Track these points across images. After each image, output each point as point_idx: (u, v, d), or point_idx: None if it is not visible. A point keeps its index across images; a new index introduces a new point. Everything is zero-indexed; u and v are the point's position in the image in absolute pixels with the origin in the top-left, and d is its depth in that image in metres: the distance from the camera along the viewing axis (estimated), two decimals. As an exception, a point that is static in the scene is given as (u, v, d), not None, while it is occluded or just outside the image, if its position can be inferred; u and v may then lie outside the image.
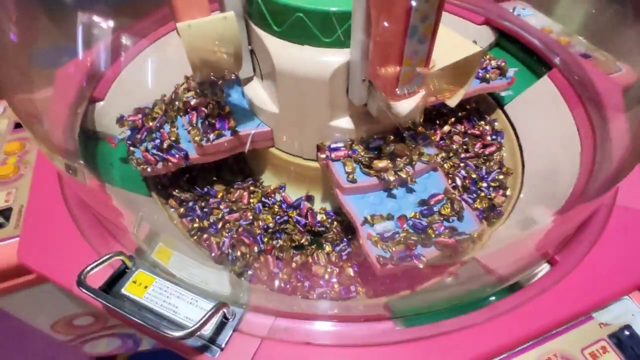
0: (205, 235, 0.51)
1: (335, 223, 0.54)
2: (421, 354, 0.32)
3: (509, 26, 0.67)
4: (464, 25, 0.70)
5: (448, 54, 0.37)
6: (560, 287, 0.38)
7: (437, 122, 0.64)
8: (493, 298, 0.39)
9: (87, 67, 0.55)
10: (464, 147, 0.61)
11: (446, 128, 0.63)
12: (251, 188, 0.57)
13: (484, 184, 0.56)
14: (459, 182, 0.56)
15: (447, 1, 0.49)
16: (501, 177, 0.57)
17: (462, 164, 0.58)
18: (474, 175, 0.57)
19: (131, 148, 0.51)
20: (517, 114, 0.63)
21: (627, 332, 0.36)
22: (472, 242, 0.42)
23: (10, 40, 0.45)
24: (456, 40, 0.39)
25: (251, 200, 0.56)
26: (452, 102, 0.41)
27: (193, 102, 0.52)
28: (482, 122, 0.64)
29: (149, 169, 0.50)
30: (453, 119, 0.64)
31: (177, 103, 0.53)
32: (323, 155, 0.47)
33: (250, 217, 0.53)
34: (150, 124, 0.53)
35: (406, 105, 0.38)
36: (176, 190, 0.55)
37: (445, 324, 0.35)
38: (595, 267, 0.40)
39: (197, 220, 0.53)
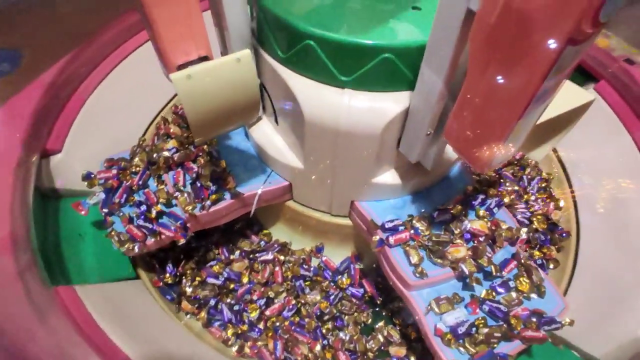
0: (249, 343, 0.41)
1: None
2: None
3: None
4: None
5: (555, 103, 0.27)
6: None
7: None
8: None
9: (30, 110, 0.41)
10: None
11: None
12: (280, 257, 0.46)
13: (532, 197, 0.47)
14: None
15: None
16: (544, 184, 0.48)
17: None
18: (516, 187, 0.47)
19: (109, 218, 0.39)
20: (569, 146, 0.50)
21: None
22: (562, 327, 0.34)
23: None
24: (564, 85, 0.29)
25: (286, 274, 0.45)
26: (538, 155, 0.32)
27: (177, 156, 0.40)
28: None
29: (135, 248, 0.38)
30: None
31: (154, 156, 0.40)
32: (376, 239, 0.35)
33: (294, 302, 0.43)
34: (130, 181, 0.40)
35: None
36: (188, 288, 0.43)
37: None
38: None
39: (231, 326, 0.42)
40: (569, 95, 0.28)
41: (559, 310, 0.35)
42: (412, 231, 0.35)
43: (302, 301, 0.43)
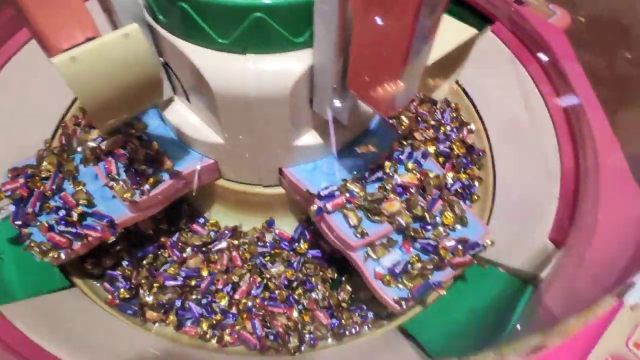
0: (227, 331, 0.41)
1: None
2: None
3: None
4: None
5: (441, 41, 0.29)
6: (581, 275, 0.36)
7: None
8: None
9: None
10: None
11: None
12: (234, 242, 0.45)
13: (447, 128, 0.52)
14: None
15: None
16: (454, 114, 0.52)
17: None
18: (433, 122, 0.51)
19: (24, 230, 0.36)
20: (468, 77, 0.59)
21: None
22: (485, 249, 0.37)
23: None
24: (447, 21, 0.31)
25: (244, 256, 0.44)
26: (440, 94, 0.34)
27: (104, 145, 0.38)
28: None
29: (62, 255, 0.36)
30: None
31: (78, 149, 0.38)
32: (314, 208, 0.36)
33: (259, 280, 0.43)
34: (42, 187, 0.38)
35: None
36: (148, 297, 0.41)
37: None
38: (603, 243, 0.38)
39: (204, 319, 0.41)
40: (453, 32, 0.29)
41: (481, 234, 0.39)
42: (347, 194, 0.36)
43: (267, 276, 0.43)
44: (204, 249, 0.45)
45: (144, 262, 0.44)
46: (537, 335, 0.25)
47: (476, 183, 0.49)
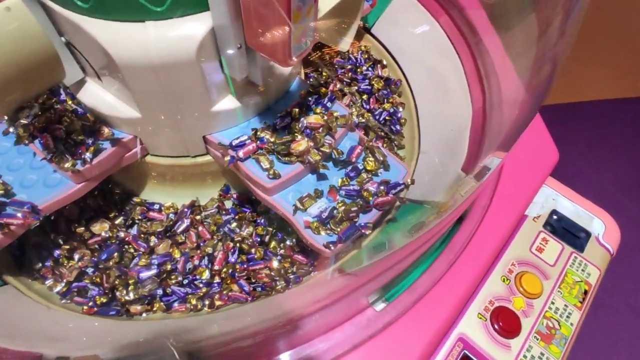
0: (216, 296, 0.41)
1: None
2: (412, 327, 0.30)
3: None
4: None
5: (331, -7, 0.31)
6: (494, 201, 0.40)
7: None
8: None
9: None
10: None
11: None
12: (196, 218, 0.45)
13: (364, 68, 0.57)
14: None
15: None
16: (366, 55, 0.58)
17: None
18: (349, 66, 0.56)
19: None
20: (387, 34, 0.61)
21: (555, 217, 0.40)
22: (407, 189, 0.40)
23: None
24: None
25: (211, 229, 0.45)
26: (344, 46, 0.36)
27: (37, 121, 0.36)
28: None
29: (-18, 247, 0.35)
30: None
31: (14, 130, 0.37)
32: (227, 158, 0.38)
33: (232, 245, 0.44)
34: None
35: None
36: (127, 296, 0.39)
37: (417, 286, 0.33)
38: (509, 171, 0.42)
39: (190, 296, 0.41)
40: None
41: (402, 175, 0.41)
42: (258, 142, 0.38)
43: (239, 239, 0.44)
44: (167, 233, 0.45)
45: (110, 263, 0.42)
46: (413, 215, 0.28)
47: (400, 108, 0.55)
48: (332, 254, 0.37)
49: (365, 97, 0.56)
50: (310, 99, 0.41)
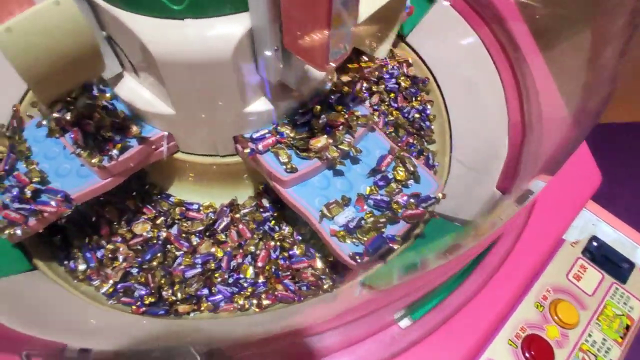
0: (263, 296, 0.41)
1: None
2: (438, 349, 0.29)
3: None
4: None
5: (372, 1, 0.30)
6: (530, 222, 0.38)
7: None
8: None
9: None
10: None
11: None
12: (236, 216, 0.45)
13: (389, 67, 0.56)
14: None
15: None
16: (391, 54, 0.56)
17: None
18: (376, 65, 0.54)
19: (-22, 211, 0.36)
20: (423, 44, 0.60)
21: (594, 243, 0.37)
22: (437, 203, 0.39)
23: None
24: None
25: (251, 227, 0.45)
26: (381, 53, 0.35)
27: (69, 116, 0.37)
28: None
29: (18, 232, 0.36)
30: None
31: (44, 123, 0.38)
32: (247, 150, 0.38)
33: (273, 243, 0.44)
34: (-6, 169, 0.38)
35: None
36: (174, 295, 0.40)
37: (445, 305, 0.32)
38: (548, 192, 0.40)
39: (237, 296, 0.41)
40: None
41: (433, 190, 0.40)
42: (278, 136, 0.38)
43: (280, 237, 0.44)
44: (207, 232, 0.45)
45: (154, 263, 0.43)
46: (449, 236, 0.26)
47: (428, 105, 0.55)
48: (359, 267, 0.36)
49: (392, 95, 0.55)
50: (332, 96, 0.41)
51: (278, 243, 0.44)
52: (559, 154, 0.31)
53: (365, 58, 0.49)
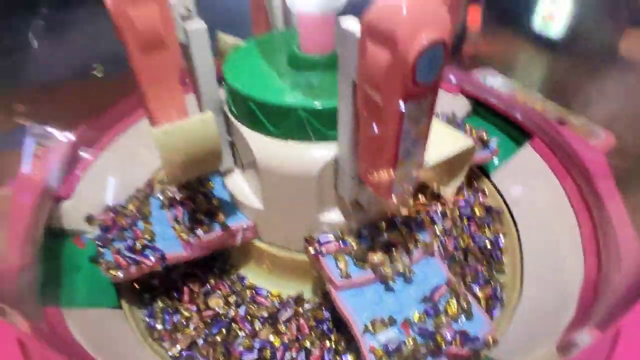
0: None
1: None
2: None
3: (483, 95, 0.68)
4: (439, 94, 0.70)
5: (440, 148, 0.35)
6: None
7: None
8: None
9: (49, 164, 0.51)
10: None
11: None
12: (299, 310, 0.48)
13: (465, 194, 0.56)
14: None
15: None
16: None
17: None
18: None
19: (100, 249, 0.46)
20: (505, 183, 0.62)
21: None
22: (488, 348, 0.38)
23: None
24: (447, 133, 0.37)
25: (310, 323, 0.47)
26: (448, 193, 0.39)
27: (179, 196, 0.48)
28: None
29: (120, 274, 0.44)
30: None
31: (159, 197, 0.49)
32: (312, 250, 0.43)
33: (329, 345, 0.45)
34: (122, 222, 0.48)
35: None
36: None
37: None
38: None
39: None
40: (449, 142, 0.35)
41: (485, 331, 0.39)
42: (341, 243, 0.43)
43: (336, 339, 0.46)
44: (270, 319, 0.48)
45: (218, 338, 0.47)
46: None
47: (501, 236, 0.54)
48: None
49: (465, 221, 0.56)
50: (398, 218, 0.44)
51: (333, 345, 0.46)
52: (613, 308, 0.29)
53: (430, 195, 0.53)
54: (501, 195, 0.61)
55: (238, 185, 0.48)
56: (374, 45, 0.26)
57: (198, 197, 0.47)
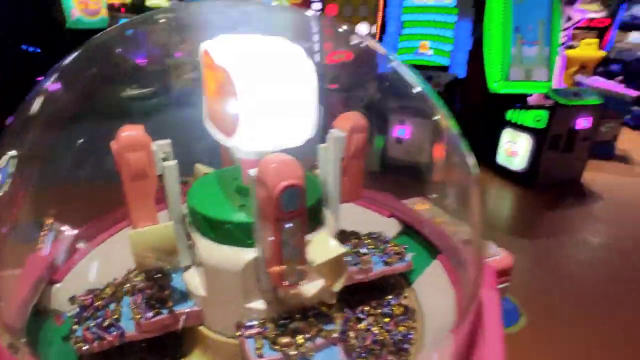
0: None
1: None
2: None
3: (408, 219, 0.85)
4: (375, 217, 0.87)
5: (322, 254, 0.51)
6: None
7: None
8: None
9: (51, 255, 0.67)
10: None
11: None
12: None
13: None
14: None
15: (362, 197, 0.69)
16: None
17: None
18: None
19: (74, 326, 0.59)
20: (423, 291, 0.74)
21: None
22: None
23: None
24: (328, 244, 0.53)
25: None
26: (336, 287, 0.53)
27: (140, 285, 0.62)
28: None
29: (84, 347, 0.56)
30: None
31: (126, 285, 0.63)
32: (239, 333, 0.55)
33: None
34: (98, 303, 0.62)
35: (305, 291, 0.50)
36: None
37: None
38: None
39: None
40: (326, 249, 0.51)
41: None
42: (262, 329, 0.54)
43: None
44: None
45: None
46: None
47: (412, 331, 0.65)
48: None
49: (386, 320, 0.67)
50: (311, 311, 0.57)
51: None
52: None
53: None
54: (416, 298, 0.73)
55: (192, 278, 0.62)
56: (259, 187, 0.44)
57: (155, 286, 0.61)
